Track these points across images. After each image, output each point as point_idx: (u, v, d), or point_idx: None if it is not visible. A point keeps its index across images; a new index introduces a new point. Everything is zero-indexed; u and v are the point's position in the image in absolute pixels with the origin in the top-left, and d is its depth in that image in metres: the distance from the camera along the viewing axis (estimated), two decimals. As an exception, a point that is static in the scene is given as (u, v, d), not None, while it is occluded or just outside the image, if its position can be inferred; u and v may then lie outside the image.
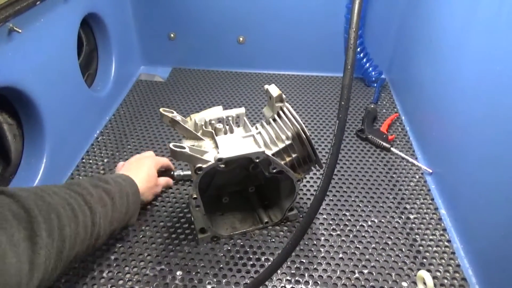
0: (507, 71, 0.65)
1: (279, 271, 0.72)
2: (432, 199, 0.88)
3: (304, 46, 1.34)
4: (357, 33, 0.55)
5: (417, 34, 1.10)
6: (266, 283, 0.70)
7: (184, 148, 0.63)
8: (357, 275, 0.72)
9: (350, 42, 0.54)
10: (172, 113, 0.71)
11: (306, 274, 0.72)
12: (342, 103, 0.54)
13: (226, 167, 0.70)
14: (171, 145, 0.63)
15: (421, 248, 0.77)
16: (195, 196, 0.70)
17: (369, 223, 0.82)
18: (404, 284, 0.70)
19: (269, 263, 0.74)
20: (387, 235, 0.80)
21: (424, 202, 0.87)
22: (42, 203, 0.55)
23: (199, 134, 0.71)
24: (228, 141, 0.70)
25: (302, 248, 0.77)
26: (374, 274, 0.72)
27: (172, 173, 0.91)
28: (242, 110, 0.76)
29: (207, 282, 0.71)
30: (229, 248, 0.77)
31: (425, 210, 0.85)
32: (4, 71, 0.72)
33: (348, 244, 0.78)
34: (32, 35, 0.78)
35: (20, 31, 0.72)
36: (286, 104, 0.73)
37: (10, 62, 0.73)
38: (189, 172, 0.91)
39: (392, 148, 1.02)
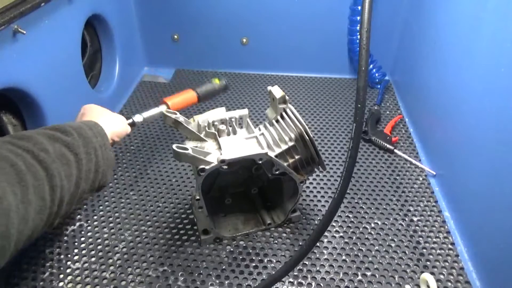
0: (512, 73, 0.65)
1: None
2: (436, 202, 0.88)
3: (308, 48, 1.34)
4: (369, 32, 0.51)
5: (421, 35, 1.10)
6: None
7: (187, 149, 0.63)
8: (360, 277, 0.72)
9: (362, 43, 0.51)
10: (175, 114, 0.71)
11: (309, 276, 0.72)
12: (359, 105, 0.51)
13: (229, 168, 0.70)
14: (174, 146, 0.63)
15: (424, 250, 0.77)
16: (198, 197, 0.70)
17: (372, 225, 0.82)
18: (407, 286, 0.70)
19: (272, 264, 0.74)
20: (390, 237, 0.79)
21: (428, 205, 0.87)
22: None
23: (202, 135, 0.71)
24: (231, 143, 0.70)
25: (304, 250, 0.77)
26: (377, 277, 0.72)
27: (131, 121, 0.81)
28: (245, 111, 0.76)
29: (209, 284, 0.71)
30: (231, 249, 0.77)
31: (428, 213, 0.85)
32: (9, 72, 0.72)
33: (351, 246, 0.78)
34: (36, 36, 0.79)
35: (24, 32, 0.73)
36: (289, 105, 0.73)
37: (14, 63, 0.73)
38: (150, 113, 0.84)
39: (395, 150, 1.02)
